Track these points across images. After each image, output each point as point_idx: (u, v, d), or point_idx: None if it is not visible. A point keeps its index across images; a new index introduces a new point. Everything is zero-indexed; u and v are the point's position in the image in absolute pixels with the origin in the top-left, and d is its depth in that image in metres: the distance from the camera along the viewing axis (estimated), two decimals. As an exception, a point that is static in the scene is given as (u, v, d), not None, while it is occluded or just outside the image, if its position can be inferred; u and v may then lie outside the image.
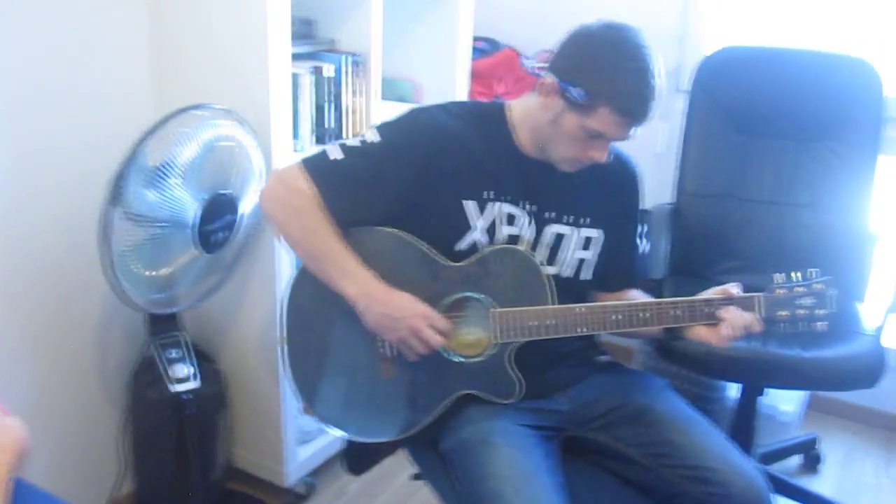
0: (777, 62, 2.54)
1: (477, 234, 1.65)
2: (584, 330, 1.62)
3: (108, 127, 2.10)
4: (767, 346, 2.17)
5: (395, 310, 1.59)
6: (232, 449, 2.51)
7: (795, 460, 2.84)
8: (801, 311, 1.60)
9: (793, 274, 1.61)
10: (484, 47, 3.02)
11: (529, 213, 1.68)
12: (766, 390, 2.51)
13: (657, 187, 2.86)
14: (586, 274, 1.76)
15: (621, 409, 1.71)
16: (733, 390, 2.66)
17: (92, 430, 2.30)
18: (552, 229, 1.70)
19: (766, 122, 2.55)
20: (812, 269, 1.61)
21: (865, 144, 2.46)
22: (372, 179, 1.62)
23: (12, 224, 1.98)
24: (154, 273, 1.95)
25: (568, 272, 1.73)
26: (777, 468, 2.69)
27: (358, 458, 1.88)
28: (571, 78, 1.52)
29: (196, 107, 1.96)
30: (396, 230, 1.65)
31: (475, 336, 1.68)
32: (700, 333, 1.63)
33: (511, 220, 1.67)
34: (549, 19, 1.58)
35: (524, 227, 1.68)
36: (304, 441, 2.52)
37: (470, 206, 1.64)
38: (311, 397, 1.74)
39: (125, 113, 2.16)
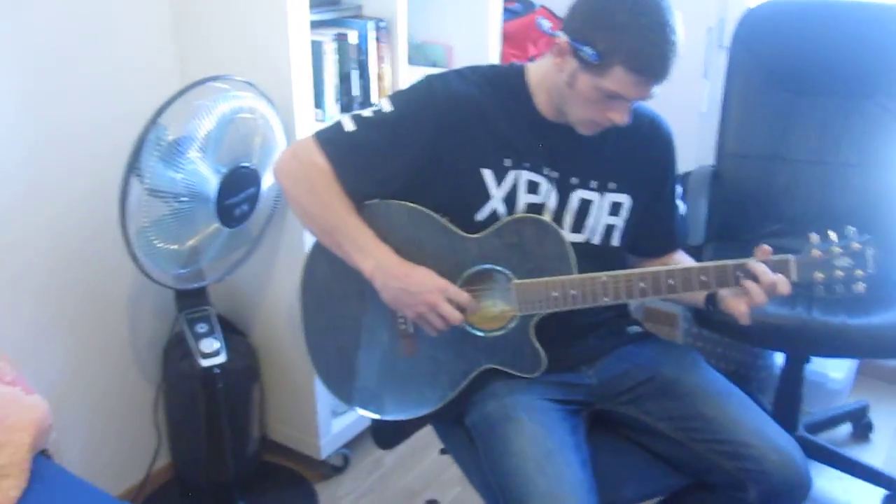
0: (823, 14, 2.41)
1: (496, 204, 1.59)
2: (609, 300, 1.55)
3: (132, 102, 2.06)
4: (812, 313, 2.09)
5: (411, 284, 1.55)
6: (267, 422, 2.52)
7: (845, 429, 2.74)
8: (839, 273, 1.50)
9: (830, 233, 1.52)
10: (516, 8, 2.93)
11: (552, 180, 1.62)
12: (811, 358, 2.42)
13: (702, 148, 2.77)
14: (616, 240, 1.69)
15: (651, 382, 1.65)
16: (780, 357, 2.58)
17: (128, 405, 2.32)
18: (577, 195, 1.64)
19: (811, 78, 2.43)
20: (850, 228, 1.52)
21: (918, 100, 2.33)
22: (385, 151, 1.57)
23: (38, 203, 1.98)
24: (177, 248, 1.93)
25: (597, 239, 1.67)
26: (825, 437, 2.61)
27: (386, 433, 1.85)
28: (583, 37, 1.45)
29: (215, 78, 1.94)
30: (412, 203, 1.60)
31: (497, 309, 1.63)
32: (731, 304, 1.55)
33: (534, 187, 1.61)
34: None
35: (547, 195, 1.62)
36: (339, 413, 2.51)
37: (488, 175, 1.59)
38: (329, 376, 1.72)
39: (149, 87, 2.14)
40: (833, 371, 2.78)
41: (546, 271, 1.57)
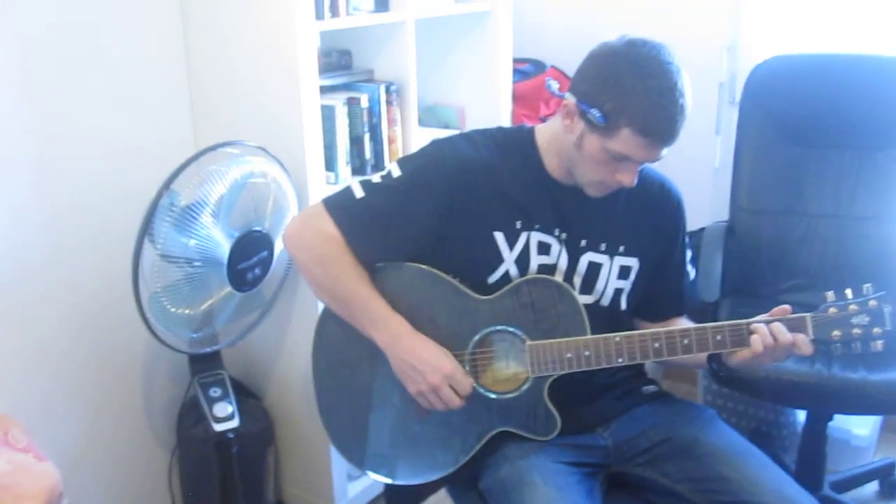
0: (831, 69, 2.42)
1: (508, 266, 1.59)
2: (623, 360, 1.54)
3: (147, 168, 2.07)
4: (831, 370, 2.06)
5: (418, 362, 1.54)
6: (282, 486, 2.49)
7: (872, 487, 2.67)
8: (856, 331, 1.49)
9: (846, 291, 1.51)
10: (527, 69, 2.96)
11: (562, 242, 1.62)
12: (834, 415, 2.38)
13: (715, 204, 2.76)
14: (624, 303, 1.69)
15: (668, 443, 1.62)
16: (803, 414, 2.53)
17: (142, 470, 2.30)
18: (586, 257, 1.63)
19: (822, 132, 2.42)
20: (866, 285, 1.51)
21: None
22: (395, 216, 1.58)
23: (53, 270, 2.00)
24: (190, 312, 1.94)
25: (606, 301, 1.66)
26: (852, 496, 2.54)
27: (400, 497, 1.83)
28: (591, 99, 1.46)
29: (227, 143, 1.96)
30: (424, 265, 1.60)
31: (511, 370, 1.62)
32: (741, 355, 1.54)
33: (545, 248, 1.61)
34: (595, 37, 1.51)
35: (558, 256, 1.61)
36: (355, 477, 2.48)
37: (500, 238, 1.59)
38: (342, 439, 1.70)
39: (163, 153, 2.15)
40: (857, 428, 2.73)
41: (559, 332, 1.56)
